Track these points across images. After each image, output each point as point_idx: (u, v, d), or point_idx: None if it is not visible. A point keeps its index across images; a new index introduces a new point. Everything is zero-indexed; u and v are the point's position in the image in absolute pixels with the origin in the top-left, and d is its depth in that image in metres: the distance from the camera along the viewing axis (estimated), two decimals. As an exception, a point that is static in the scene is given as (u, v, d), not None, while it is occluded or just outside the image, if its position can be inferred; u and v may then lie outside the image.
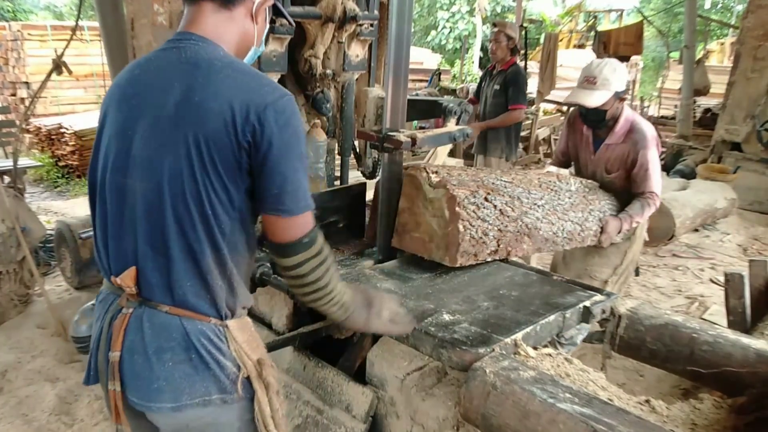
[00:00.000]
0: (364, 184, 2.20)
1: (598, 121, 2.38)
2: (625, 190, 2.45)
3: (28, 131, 7.05)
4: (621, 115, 2.40)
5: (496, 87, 3.96)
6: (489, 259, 1.85)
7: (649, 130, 2.39)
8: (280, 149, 1.02)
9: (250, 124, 1.01)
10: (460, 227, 1.70)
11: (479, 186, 1.82)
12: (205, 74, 1.03)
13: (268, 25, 1.22)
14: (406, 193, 1.83)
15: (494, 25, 4.23)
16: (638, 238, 2.59)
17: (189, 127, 1.01)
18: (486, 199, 1.78)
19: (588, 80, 2.33)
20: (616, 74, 2.30)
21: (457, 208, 1.69)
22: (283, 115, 1.03)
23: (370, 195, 2.17)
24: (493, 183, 1.88)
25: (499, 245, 1.80)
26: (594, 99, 2.29)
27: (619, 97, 2.33)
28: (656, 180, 2.38)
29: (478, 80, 4.71)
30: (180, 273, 1.06)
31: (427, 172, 1.77)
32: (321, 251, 1.13)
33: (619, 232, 2.34)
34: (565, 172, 2.65)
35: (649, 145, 2.35)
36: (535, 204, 1.96)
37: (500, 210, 1.80)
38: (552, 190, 2.08)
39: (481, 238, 1.76)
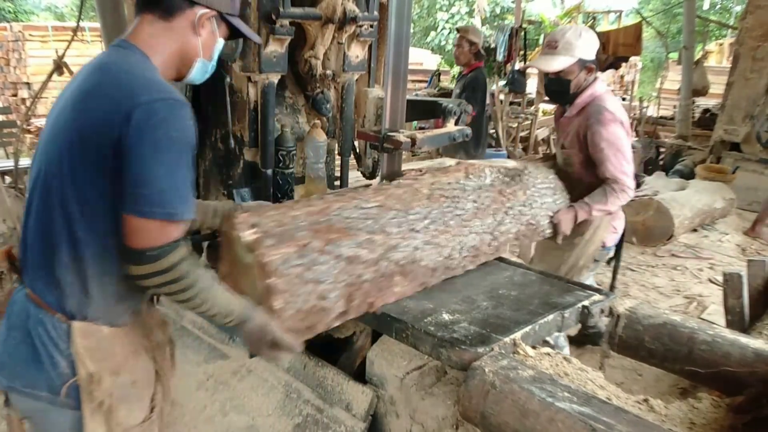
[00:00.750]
0: (369, 186, 2.20)
1: (560, 92, 2.14)
2: (588, 173, 2.19)
3: (29, 131, 7.05)
4: (586, 90, 2.14)
5: (457, 91, 4.13)
6: (337, 324, 1.45)
7: (612, 107, 2.08)
8: (145, 149, 1.00)
9: (120, 125, 1.01)
10: (276, 303, 1.29)
11: (318, 232, 1.39)
12: (102, 77, 1.07)
13: (220, 40, 1.21)
14: (224, 256, 1.43)
15: (458, 30, 4.32)
16: (591, 238, 2.24)
17: (73, 124, 1.05)
18: (323, 252, 1.37)
19: (549, 45, 2.10)
20: (581, 39, 2.05)
21: (269, 280, 1.27)
22: (155, 117, 1.01)
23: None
24: (346, 219, 1.45)
25: (350, 303, 1.42)
26: (553, 63, 2.06)
27: (585, 65, 2.08)
28: (617, 163, 2.07)
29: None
30: (36, 259, 1.10)
31: (239, 229, 1.31)
32: (172, 270, 1.04)
33: (576, 223, 2.09)
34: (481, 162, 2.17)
35: (604, 121, 2.05)
36: (412, 229, 1.56)
37: (348, 258, 1.40)
38: (448, 197, 1.70)
39: (315, 305, 1.37)
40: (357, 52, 2.09)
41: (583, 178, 2.20)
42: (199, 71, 1.22)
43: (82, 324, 1.10)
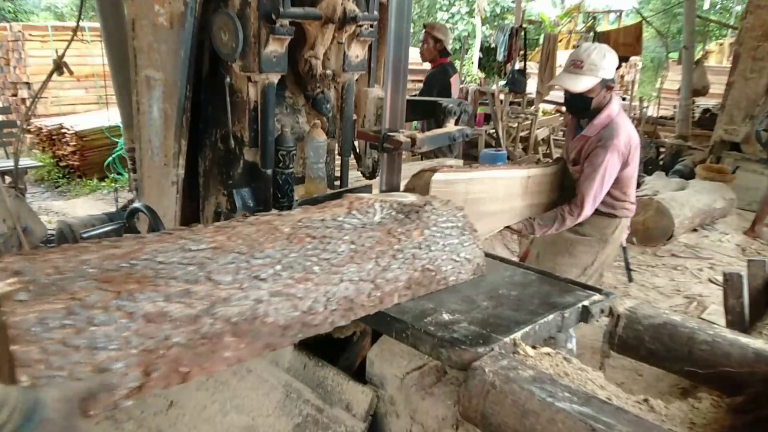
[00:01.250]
0: (370, 186, 2.20)
1: (582, 109, 2.23)
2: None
3: (29, 131, 7.06)
4: (606, 107, 2.24)
5: (423, 86, 4.24)
6: (129, 403, 1.10)
7: (623, 135, 2.20)
8: None
9: None
10: (23, 378, 0.97)
11: (107, 282, 1.09)
12: None
13: None
14: None
15: (424, 26, 4.40)
16: (614, 240, 2.45)
17: None
18: (106, 308, 1.06)
19: (575, 64, 2.18)
20: (605, 60, 2.14)
21: (12, 348, 0.97)
22: None
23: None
24: (159, 264, 1.16)
25: (149, 375, 1.10)
26: (579, 84, 2.14)
27: (606, 85, 2.18)
28: (595, 185, 2.19)
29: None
30: None
31: (6, 275, 1.04)
32: None
33: (520, 235, 2.26)
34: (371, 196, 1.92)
35: (610, 147, 2.17)
36: (256, 277, 1.26)
37: (148, 315, 1.09)
38: (315, 238, 1.41)
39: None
40: (357, 52, 2.09)
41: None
42: None
43: None
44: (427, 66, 4.81)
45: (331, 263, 1.40)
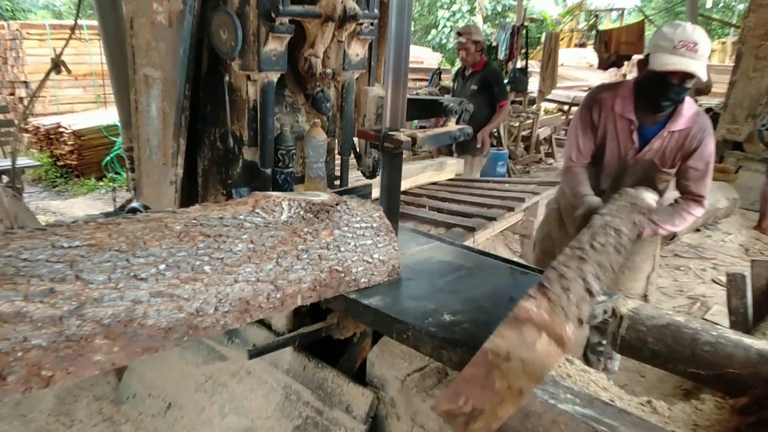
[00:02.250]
0: (370, 185, 2.19)
1: (677, 101, 1.91)
2: (668, 189, 2.04)
3: (26, 131, 7.05)
4: (683, 100, 1.97)
5: (474, 87, 4.19)
6: (6, 399, 1.08)
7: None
8: None
9: None
10: None
11: None
12: None
13: None
14: None
15: (459, 33, 4.36)
16: (658, 236, 2.23)
17: None
18: None
19: (688, 47, 1.81)
20: (708, 46, 1.85)
21: None
22: None
23: (375, 194, 2.16)
24: (23, 261, 1.11)
25: (4, 378, 1.03)
26: (702, 69, 1.79)
27: None
28: (709, 181, 1.99)
29: (452, 80, 4.88)
30: None
31: None
32: None
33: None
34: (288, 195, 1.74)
35: (712, 134, 1.95)
36: (135, 276, 1.19)
37: (1, 317, 1.03)
38: (209, 236, 1.34)
39: None
40: (357, 51, 2.08)
41: (661, 193, 2.05)
42: None
43: None
44: (429, 65, 4.82)
45: (225, 263, 1.32)
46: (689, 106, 1.96)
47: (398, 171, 1.83)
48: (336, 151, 2.32)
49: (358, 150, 2.35)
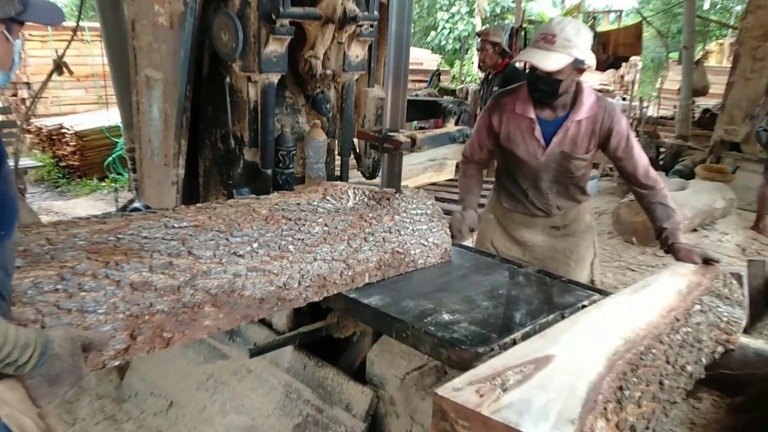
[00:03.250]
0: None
1: (549, 93, 1.92)
2: (586, 172, 2.11)
3: (29, 131, 7.06)
4: (581, 87, 1.99)
5: (496, 88, 4.08)
6: (117, 363, 1.20)
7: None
8: None
9: None
10: None
11: (95, 253, 1.18)
12: None
13: (17, 41, 1.11)
14: None
15: (478, 35, 4.31)
16: (593, 221, 2.30)
17: None
18: (95, 275, 1.15)
19: (545, 38, 1.86)
20: (580, 37, 1.87)
21: (13, 308, 1.06)
22: None
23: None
24: (143, 239, 1.27)
25: (134, 338, 1.19)
26: (550, 61, 1.83)
27: (577, 67, 1.89)
28: (642, 153, 1.99)
29: (479, 85, 4.83)
30: None
31: None
32: None
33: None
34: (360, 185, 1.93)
35: (619, 113, 1.99)
36: (234, 253, 1.36)
37: (132, 285, 1.18)
38: (290, 220, 1.52)
39: None
40: (357, 52, 2.09)
41: (585, 176, 2.13)
42: (3, 81, 1.15)
43: (2, 384, 0.99)
44: (429, 67, 4.83)
45: (306, 243, 1.49)
46: (588, 95, 2.00)
47: (398, 171, 1.84)
48: (336, 152, 2.33)
49: (357, 151, 2.36)
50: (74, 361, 1.03)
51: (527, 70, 1.95)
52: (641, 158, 2.00)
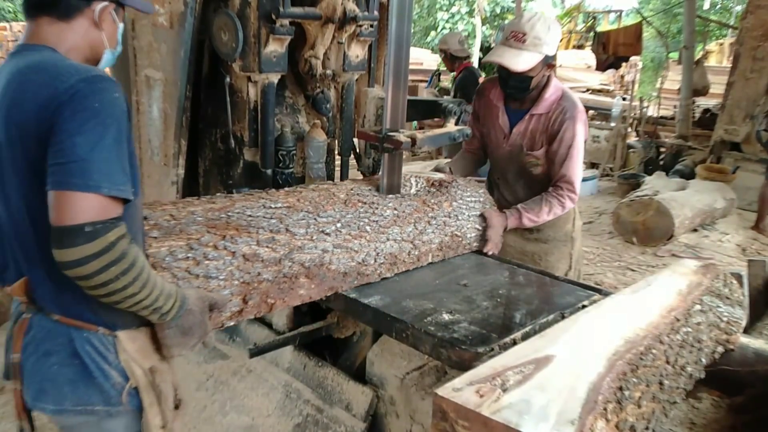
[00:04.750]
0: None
1: (520, 89, 1.95)
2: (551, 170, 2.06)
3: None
4: (549, 84, 1.99)
5: (452, 92, 4.56)
6: (231, 323, 1.40)
7: (580, 104, 2.01)
8: (65, 125, 0.96)
9: (49, 119, 0.98)
10: None
11: (213, 228, 1.35)
12: (23, 83, 1.02)
13: (121, 24, 1.19)
14: None
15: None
16: (577, 233, 2.26)
17: (12, 137, 1.02)
18: (216, 247, 1.32)
19: (516, 36, 1.85)
20: (550, 34, 1.86)
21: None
22: (76, 96, 0.98)
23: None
24: (248, 216, 1.44)
25: (246, 302, 1.37)
26: (521, 61, 1.84)
27: (548, 63, 1.91)
28: (576, 164, 1.97)
29: None
30: (57, 284, 1.05)
31: None
32: (110, 249, 0.95)
33: (505, 229, 2.00)
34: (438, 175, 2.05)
35: (577, 117, 1.95)
36: (322, 232, 1.53)
37: (245, 256, 1.35)
38: (365, 203, 1.70)
39: None
40: (357, 52, 2.09)
41: (549, 177, 2.08)
42: (108, 61, 1.21)
43: (125, 332, 1.11)
44: (429, 67, 5.04)
45: (380, 225, 1.67)
46: (553, 91, 1.99)
47: (398, 171, 1.84)
48: (336, 152, 2.33)
49: (357, 150, 2.36)
50: (203, 318, 1.17)
51: (497, 67, 1.96)
52: (570, 170, 1.98)
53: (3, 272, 1.14)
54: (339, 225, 1.57)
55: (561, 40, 11.30)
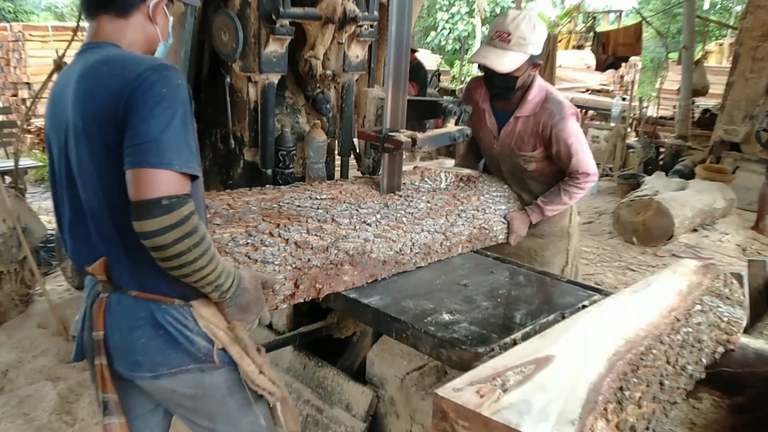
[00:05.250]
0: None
1: (505, 89, 1.94)
2: (552, 175, 2.09)
3: (29, 131, 7.05)
4: (533, 83, 1.98)
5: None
6: (284, 306, 1.49)
7: (565, 100, 2.01)
8: (138, 110, 1.05)
9: (122, 108, 1.06)
10: None
11: (267, 217, 1.46)
12: (94, 78, 1.11)
13: (170, 18, 1.29)
14: None
15: None
16: (574, 229, 2.28)
17: (90, 127, 1.10)
18: (271, 234, 1.42)
19: (501, 36, 1.84)
20: (535, 33, 1.84)
21: None
22: (146, 83, 1.07)
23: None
24: (297, 207, 1.54)
25: (297, 286, 1.46)
26: (506, 62, 1.83)
27: (533, 62, 1.90)
28: (585, 156, 2.00)
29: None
30: (135, 262, 1.14)
31: None
32: (187, 222, 1.04)
33: (530, 227, 2.07)
34: (466, 171, 2.19)
35: (566, 115, 1.95)
36: (364, 222, 1.63)
37: (296, 243, 1.45)
38: (401, 196, 1.79)
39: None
40: (357, 52, 2.09)
41: (543, 173, 2.11)
42: (161, 53, 1.32)
43: (199, 301, 1.19)
44: (429, 67, 5.07)
45: (415, 216, 1.78)
46: (537, 93, 1.99)
47: (398, 171, 1.84)
48: (336, 152, 2.33)
49: (357, 151, 2.36)
50: (258, 295, 1.26)
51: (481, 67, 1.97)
52: (580, 163, 2.00)
53: (79, 254, 1.23)
54: (378, 216, 1.68)
55: (560, 41, 11.30)
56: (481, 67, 1.95)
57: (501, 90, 1.96)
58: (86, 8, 1.21)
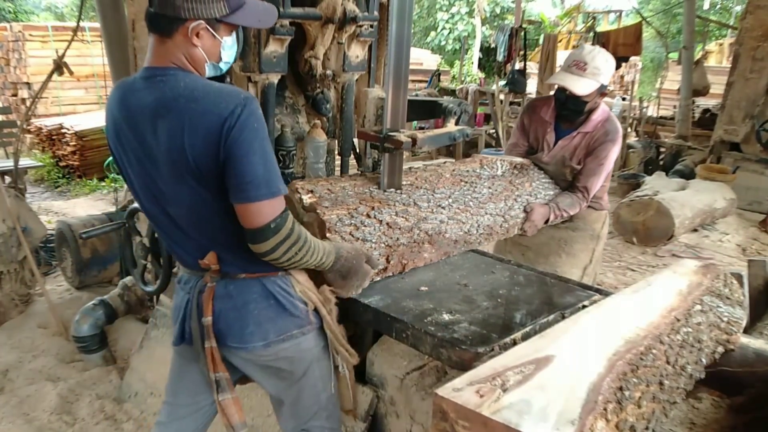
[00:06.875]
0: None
1: (576, 111, 2.22)
2: (570, 182, 2.36)
3: (29, 131, 7.06)
4: (598, 108, 2.28)
5: None
6: (378, 279, 1.66)
7: (620, 127, 2.31)
8: (240, 148, 1.20)
9: (222, 140, 1.20)
10: None
11: (363, 201, 1.67)
12: (183, 108, 1.21)
13: (224, 39, 1.32)
14: None
15: None
16: (603, 234, 2.50)
17: (178, 158, 1.22)
18: (368, 216, 1.63)
19: (578, 65, 2.14)
20: (607, 65, 2.15)
21: (328, 235, 1.56)
22: (239, 121, 1.19)
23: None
24: (384, 192, 1.76)
25: (388, 262, 1.67)
26: (582, 86, 2.11)
27: (601, 92, 2.19)
28: (599, 180, 2.27)
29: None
30: (241, 252, 1.31)
31: (300, 192, 1.62)
32: (291, 234, 1.27)
33: (546, 222, 2.23)
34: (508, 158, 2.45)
35: (616, 139, 2.24)
36: (439, 206, 1.84)
37: (388, 224, 1.66)
38: (466, 182, 1.99)
39: None
40: (357, 52, 2.09)
41: (563, 186, 2.36)
42: (211, 71, 1.37)
43: (294, 270, 1.40)
44: (429, 67, 4.88)
45: (479, 201, 1.98)
46: (600, 113, 2.28)
47: (398, 171, 1.84)
48: (336, 152, 2.33)
49: (358, 151, 2.36)
50: (359, 264, 1.47)
51: (556, 90, 2.25)
52: (591, 183, 2.26)
53: (183, 255, 1.41)
54: (450, 200, 1.88)
55: (560, 41, 11.30)
56: (556, 89, 2.25)
57: (571, 112, 2.23)
58: (147, 26, 1.29)
